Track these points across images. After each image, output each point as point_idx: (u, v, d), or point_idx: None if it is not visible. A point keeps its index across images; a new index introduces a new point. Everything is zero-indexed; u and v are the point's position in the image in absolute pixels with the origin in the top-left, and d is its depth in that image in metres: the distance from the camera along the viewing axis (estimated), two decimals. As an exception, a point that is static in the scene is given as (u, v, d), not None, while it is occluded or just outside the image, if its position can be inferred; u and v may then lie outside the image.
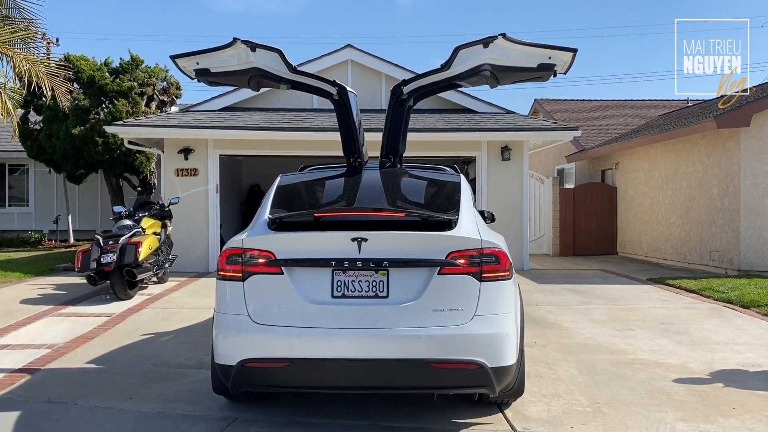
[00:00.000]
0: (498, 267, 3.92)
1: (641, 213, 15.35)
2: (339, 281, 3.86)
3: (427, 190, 4.93)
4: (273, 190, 4.61)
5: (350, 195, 4.78)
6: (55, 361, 5.94)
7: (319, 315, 3.82)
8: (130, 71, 16.38)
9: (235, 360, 3.91)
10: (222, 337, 4.02)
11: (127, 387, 5.16)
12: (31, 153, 16.93)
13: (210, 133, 12.34)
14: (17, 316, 7.85)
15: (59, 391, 5.04)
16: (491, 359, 3.83)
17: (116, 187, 17.48)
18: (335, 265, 3.84)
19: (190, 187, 12.53)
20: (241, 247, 3.98)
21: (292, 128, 12.19)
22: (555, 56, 5.05)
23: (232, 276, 3.98)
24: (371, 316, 3.80)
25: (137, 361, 5.93)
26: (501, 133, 12.54)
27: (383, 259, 3.82)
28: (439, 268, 3.84)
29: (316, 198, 4.87)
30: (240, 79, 5.33)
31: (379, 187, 4.83)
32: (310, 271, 3.89)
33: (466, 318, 3.83)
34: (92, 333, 7.07)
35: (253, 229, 4.14)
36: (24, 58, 9.79)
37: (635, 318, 7.90)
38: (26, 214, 20.24)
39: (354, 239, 3.81)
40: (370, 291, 3.85)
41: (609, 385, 5.17)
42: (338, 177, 5.13)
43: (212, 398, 4.77)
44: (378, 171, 5.12)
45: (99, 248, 8.78)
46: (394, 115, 5.22)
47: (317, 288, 3.86)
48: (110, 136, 15.05)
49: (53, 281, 10.92)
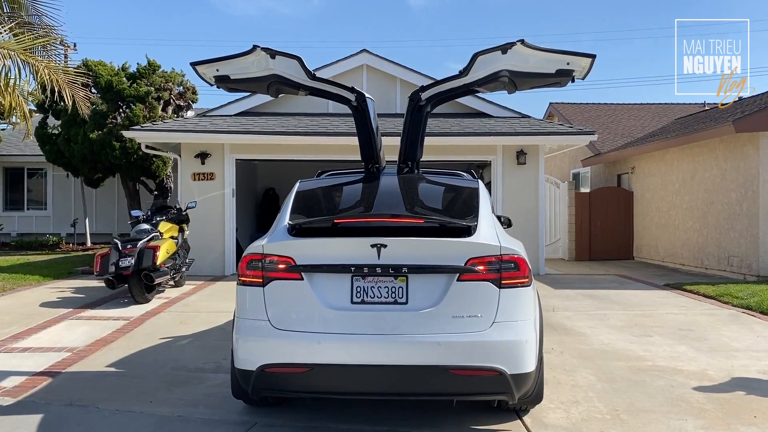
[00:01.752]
0: (517, 274, 3.92)
1: (658, 217, 15.24)
2: (358, 287, 3.88)
3: (446, 196, 4.94)
4: (292, 196, 4.64)
5: (369, 201, 4.80)
6: (75, 364, 6.01)
7: (338, 321, 3.84)
8: (147, 76, 16.54)
9: (255, 365, 3.94)
10: (242, 342, 4.05)
11: (147, 390, 5.21)
12: (50, 157, 17.14)
13: (227, 138, 12.43)
14: (37, 320, 7.95)
15: (80, 394, 5.10)
16: (510, 366, 3.83)
17: (133, 191, 17.64)
18: (355, 271, 3.86)
19: (206, 191, 12.62)
20: (261, 252, 4.01)
21: (307, 133, 12.25)
22: (573, 62, 5.04)
23: (252, 281, 4.01)
24: (390, 322, 3.81)
25: (156, 365, 5.98)
26: (516, 137, 12.51)
27: (402, 265, 3.84)
28: (459, 275, 3.84)
29: (335, 204, 4.89)
30: (259, 86, 5.37)
31: (397, 193, 4.85)
32: (330, 277, 3.91)
33: (485, 325, 3.83)
34: (111, 336, 7.14)
35: (273, 234, 4.17)
36: (46, 66, 9.92)
37: (653, 324, 7.85)
38: (44, 218, 20.48)
39: (373, 245, 3.83)
40: (389, 297, 3.86)
41: (628, 392, 5.14)
42: (356, 183, 5.15)
43: (231, 402, 4.80)
44: (396, 177, 5.14)
45: (117, 252, 8.86)
46: (412, 121, 5.23)
47: (337, 294, 3.88)
48: (127, 141, 15.18)
49: (72, 284, 11.04)
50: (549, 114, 23.04)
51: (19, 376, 5.60)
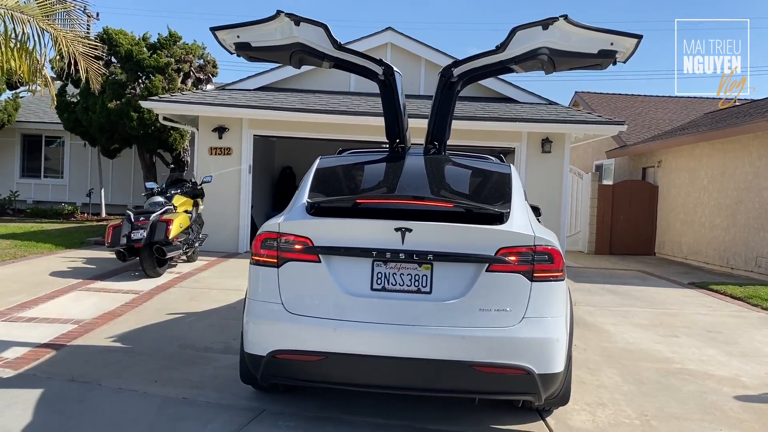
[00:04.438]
0: (551, 266, 3.64)
1: (683, 214, 14.81)
2: (379, 273, 3.61)
3: (476, 181, 4.63)
4: (312, 173, 4.36)
5: (393, 182, 4.50)
6: (81, 337, 5.82)
7: (356, 308, 3.58)
8: (168, 47, 16.28)
9: (265, 350, 3.70)
10: (253, 325, 3.81)
11: (152, 369, 5.00)
12: (68, 125, 17.00)
13: (245, 113, 12.16)
14: (46, 289, 7.79)
15: (83, 369, 4.90)
16: (539, 365, 3.56)
17: (149, 163, 17.48)
18: (376, 255, 3.59)
19: (222, 166, 12.39)
20: (277, 231, 3.75)
21: (327, 111, 11.95)
22: (618, 42, 4.69)
23: (266, 261, 3.76)
24: (412, 312, 3.55)
25: (164, 342, 5.78)
26: (543, 125, 12.13)
27: (428, 252, 3.56)
28: (488, 265, 3.56)
29: (357, 183, 4.60)
30: (281, 55, 5.06)
31: (424, 175, 4.55)
32: (349, 260, 3.64)
33: (514, 320, 3.55)
34: (120, 310, 6.96)
35: (291, 213, 3.91)
36: (64, 35, 9.70)
37: (679, 324, 7.53)
38: (61, 186, 20.40)
39: (397, 229, 3.55)
40: (412, 285, 3.59)
41: (657, 396, 4.86)
42: (380, 162, 4.86)
43: (239, 386, 4.58)
44: (422, 158, 4.85)
45: (130, 224, 8.67)
46: (442, 99, 4.92)
47: (356, 279, 3.62)
48: (145, 112, 15.00)
49: (83, 255, 10.89)
50: (574, 102, 22.51)
51: (22, 347, 5.42)
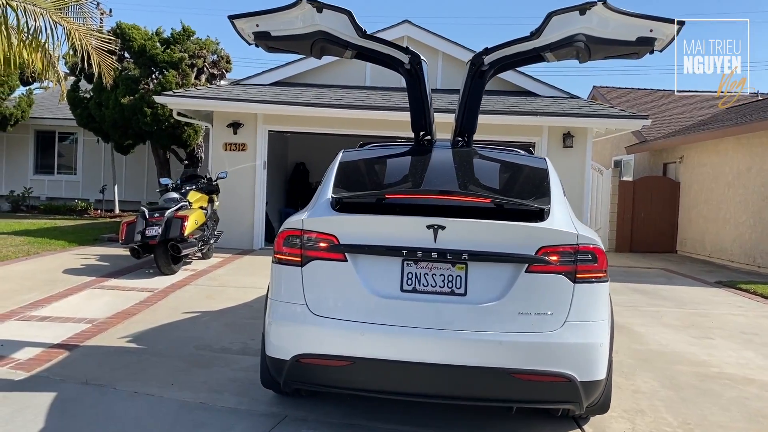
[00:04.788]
0: (595, 267, 3.41)
1: (706, 210, 14.46)
2: (410, 273, 3.39)
3: (511, 175, 4.38)
4: (335, 167, 4.14)
5: (422, 176, 4.25)
6: (94, 337, 5.65)
7: (385, 310, 3.36)
8: (182, 42, 16.12)
9: (289, 354, 3.49)
10: (276, 328, 3.59)
11: (168, 371, 4.82)
12: (81, 121, 16.89)
13: (260, 108, 11.96)
14: (59, 287, 7.63)
15: (97, 371, 4.72)
16: (581, 372, 3.33)
17: (163, 160, 17.34)
18: (406, 254, 3.37)
19: (237, 162, 12.21)
20: (300, 228, 3.53)
21: (343, 105, 11.73)
22: (657, 29, 4.44)
23: (289, 260, 3.55)
24: (446, 315, 3.32)
25: (179, 343, 5.59)
26: (564, 119, 11.84)
27: (462, 251, 3.33)
28: (528, 265, 3.33)
29: (383, 178, 4.36)
30: (302, 44, 4.83)
31: (454, 169, 4.30)
32: (378, 259, 3.42)
33: (555, 324, 3.32)
34: (134, 309, 6.78)
35: (314, 209, 3.69)
36: (77, 29, 9.55)
37: (711, 325, 7.25)
38: (74, 183, 20.33)
39: (429, 226, 3.32)
40: (445, 287, 3.37)
41: (697, 403, 4.61)
42: (407, 155, 4.63)
43: (259, 390, 4.38)
44: (451, 151, 4.61)
45: (144, 220, 8.50)
46: (472, 88, 4.67)
47: (385, 279, 3.40)
48: (159, 107, 14.85)
49: (97, 251, 10.76)
50: (593, 97, 22.13)
51: (34, 347, 5.25)
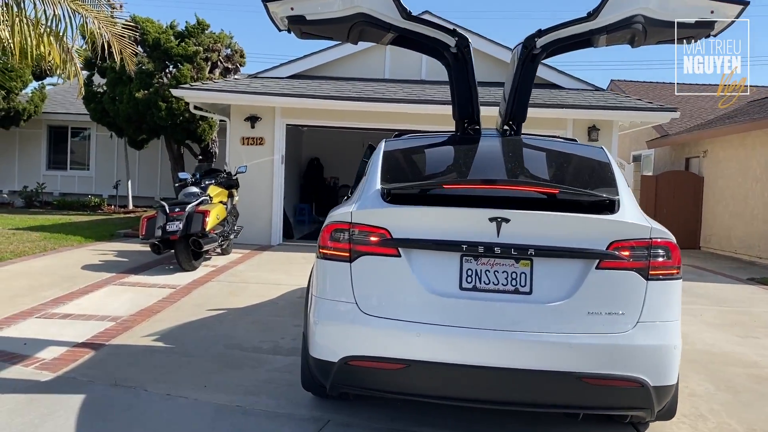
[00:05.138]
0: (668, 263, 3.16)
1: (732, 205, 14.14)
2: (469, 270, 3.15)
3: (570, 165, 4.11)
4: (380, 156, 3.89)
5: (476, 166, 4.00)
6: (119, 335, 5.44)
7: (443, 310, 3.12)
8: (196, 35, 15.93)
9: (337, 356, 3.26)
10: (322, 327, 3.36)
11: (199, 372, 4.60)
12: (95, 116, 16.73)
13: (278, 101, 11.73)
14: (79, 283, 7.44)
15: (126, 372, 4.51)
16: (654, 377, 3.09)
17: (177, 155, 17.17)
18: (466, 249, 3.13)
19: (255, 157, 11.98)
20: (348, 221, 3.30)
21: (363, 98, 11.48)
22: (719, 10, 4.19)
23: (336, 255, 3.31)
24: (509, 315, 3.08)
25: (208, 342, 5.38)
26: (590, 111, 11.55)
27: (528, 245, 3.09)
28: (598, 261, 3.09)
29: (433, 167, 4.10)
30: (339, 29, 4.58)
31: (509, 159, 4.05)
32: (434, 255, 3.18)
33: (628, 325, 3.08)
34: (157, 306, 6.58)
35: (363, 200, 3.45)
36: (96, 17, 9.32)
37: (754, 324, 6.98)
38: (87, 178, 20.19)
39: (492, 219, 3.08)
40: (508, 285, 3.13)
41: (758, 407, 4.36)
42: (455, 144, 4.38)
43: (297, 392, 4.17)
44: (500, 140, 4.36)
45: (165, 215, 8.30)
46: (523, 72, 4.41)
47: (442, 277, 3.16)
48: (174, 101, 14.68)
49: (114, 247, 10.58)
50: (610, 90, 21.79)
51: (58, 346, 5.05)
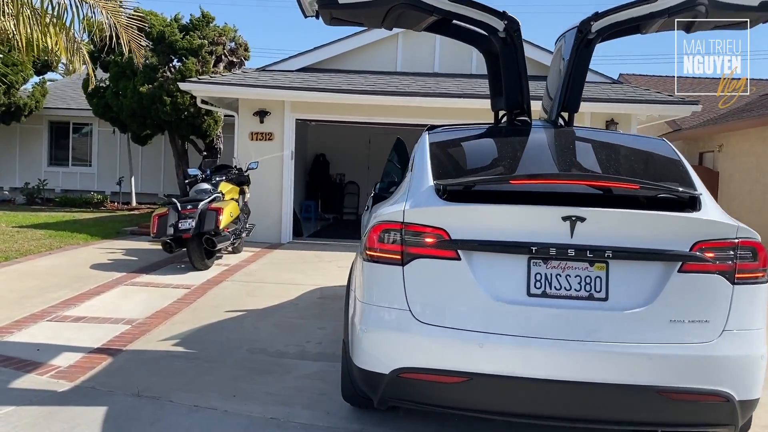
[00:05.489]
0: (755, 265, 2.88)
1: (749, 201, 13.88)
2: (538, 274, 2.87)
3: (638, 159, 3.79)
4: (426, 149, 3.59)
5: (536, 160, 3.68)
6: (137, 340, 5.16)
7: (509, 318, 2.84)
8: (201, 28, 15.59)
9: (388, 367, 2.97)
10: (371, 336, 3.07)
11: (226, 380, 4.32)
12: (97, 111, 16.40)
13: (288, 95, 11.42)
14: (89, 284, 7.15)
15: (148, 380, 4.23)
16: (740, 390, 2.81)
17: (181, 151, 16.84)
18: (536, 252, 2.84)
19: (264, 153, 11.66)
20: (401, 221, 3.01)
21: (377, 92, 11.17)
22: None
23: (386, 258, 3.03)
24: (583, 324, 2.80)
25: (230, 346, 5.10)
26: (608, 104, 11.23)
27: (605, 247, 2.80)
28: (681, 264, 2.80)
29: (487, 162, 3.79)
30: (374, 13, 4.25)
31: (570, 152, 3.75)
32: (499, 258, 2.90)
33: (712, 334, 2.80)
34: (173, 307, 6.29)
35: (415, 197, 3.15)
36: (103, 6, 9.01)
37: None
38: (89, 175, 19.86)
39: (566, 218, 2.80)
40: (581, 290, 2.84)
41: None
42: (505, 136, 4.08)
43: (332, 402, 3.91)
44: (553, 131, 4.07)
45: (176, 213, 8.00)
46: (578, 59, 4.11)
47: (507, 282, 2.88)
48: (179, 96, 14.36)
49: (122, 245, 10.28)
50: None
51: (74, 352, 4.77)
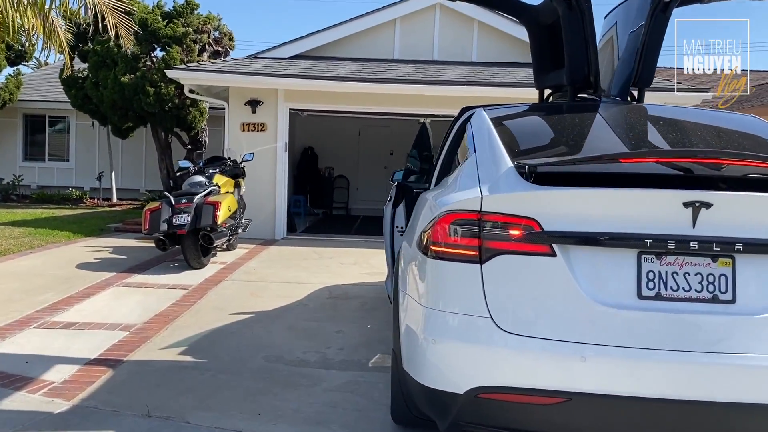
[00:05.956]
0: None
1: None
2: (651, 272, 2.39)
3: (741, 137, 3.33)
4: (489, 126, 3.07)
5: (629, 137, 3.15)
6: (138, 349, 4.61)
7: (616, 325, 2.36)
8: (185, 15, 14.89)
9: (463, 386, 2.48)
10: (441, 348, 2.56)
11: (245, 394, 3.80)
12: (76, 103, 15.63)
13: (282, 83, 10.83)
14: (77, 285, 6.56)
15: (157, 397, 3.69)
16: None
17: (164, 144, 16.13)
18: (651, 245, 2.36)
19: (256, 144, 11.03)
20: (477, 209, 2.51)
21: (378, 80, 10.60)
22: None
23: (459, 254, 2.53)
24: (709, 331, 2.33)
25: (244, 353, 4.58)
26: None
27: (734, 239, 2.33)
28: None
29: (569, 141, 3.25)
30: None
31: (663, 129, 3.25)
32: (602, 253, 2.41)
33: None
34: (173, 310, 5.74)
35: (494, 181, 2.62)
36: (86, -14, 8.38)
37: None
38: (67, 170, 19.03)
39: (688, 204, 2.32)
40: (703, 291, 2.37)
41: None
42: (579, 112, 3.56)
43: (372, 421, 3.44)
44: (627, 107, 3.58)
45: (170, 207, 7.42)
46: (653, 27, 3.62)
47: (613, 281, 2.40)
48: (162, 86, 13.69)
49: (107, 243, 9.65)
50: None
51: (68, 364, 4.21)
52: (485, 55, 11.88)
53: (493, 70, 11.30)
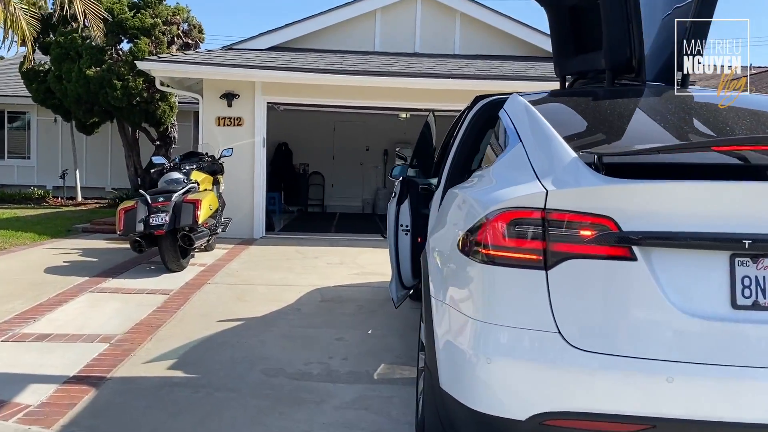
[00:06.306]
0: None
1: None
2: (746, 278, 2.07)
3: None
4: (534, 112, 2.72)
5: (696, 126, 2.86)
6: (122, 364, 4.16)
7: (709, 339, 2.04)
8: (153, 6, 14.27)
9: (525, 413, 2.13)
10: (498, 368, 2.21)
11: (249, 416, 3.41)
12: (37, 97, 14.87)
13: (260, 75, 10.36)
14: (47, 291, 6.04)
15: (150, 422, 3.27)
16: None
17: (132, 140, 15.48)
18: (749, 247, 2.05)
19: (233, 140, 10.54)
20: (541, 206, 2.16)
21: (360, 72, 10.20)
22: None
23: (519, 259, 2.18)
24: None
25: (239, 367, 4.16)
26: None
27: None
28: None
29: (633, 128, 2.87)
30: None
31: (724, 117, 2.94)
32: (689, 257, 2.09)
33: None
34: (155, 318, 5.28)
35: (558, 173, 2.27)
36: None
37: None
38: (28, 168, 18.18)
39: None
40: None
41: None
42: (622, 98, 3.24)
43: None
44: (672, 93, 3.28)
45: (146, 206, 6.92)
46: (702, 4, 3.32)
47: (702, 289, 2.08)
48: (130, 79, 13.08)
49: (75, 245, 9.07)
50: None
51: (44, 383, 3.75)
52: (468, 48, 11.57)
53: (476, 62, 11.00)
